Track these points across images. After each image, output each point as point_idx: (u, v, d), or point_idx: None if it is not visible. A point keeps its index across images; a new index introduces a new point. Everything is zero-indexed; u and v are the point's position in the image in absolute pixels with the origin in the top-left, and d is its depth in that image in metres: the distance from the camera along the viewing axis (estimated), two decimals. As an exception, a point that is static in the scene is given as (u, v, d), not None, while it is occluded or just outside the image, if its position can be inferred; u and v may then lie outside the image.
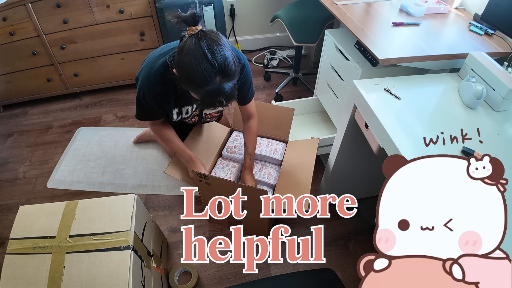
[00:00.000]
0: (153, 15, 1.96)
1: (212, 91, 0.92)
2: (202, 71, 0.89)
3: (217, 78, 0.91)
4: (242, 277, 1.36)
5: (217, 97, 0.95)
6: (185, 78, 0.94)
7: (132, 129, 2.03)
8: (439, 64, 1.20)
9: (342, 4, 1.49)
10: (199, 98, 0.97)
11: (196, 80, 0.90)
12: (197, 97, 0.99)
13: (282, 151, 1.50)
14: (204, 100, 0.97)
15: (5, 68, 1.97)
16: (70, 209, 1.05)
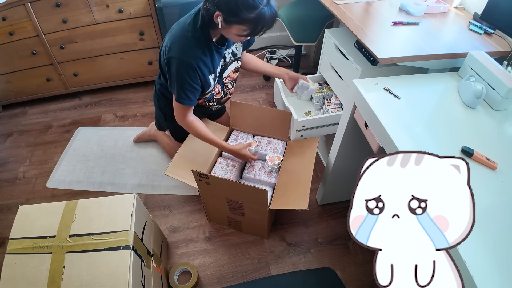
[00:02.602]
0: (153, 14, 1.95)
1: (264, 12, 1.04)
2: None
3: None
4: (242, 277, 1.36)
5: (267, 18, 1.06)
6: (238, 7, 1.02)
7: (131, 128, 2.03)
8: (438, 63, 1.20)
9: (342, 3, 1.49)
10: (250, 26, 1.07)
11: (252, 2, 1.01)
12: (246, 28, 1.08)
13: (282, 149, 1.50)
14: (256, 25, 1.07)
15: (4, 68, 1.97)
16: (70, 209, 1.05)
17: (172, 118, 1.53)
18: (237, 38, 1.16)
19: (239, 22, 1.06)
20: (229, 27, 1.09)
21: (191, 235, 1.50)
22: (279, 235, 1.49)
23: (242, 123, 1.58)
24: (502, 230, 0.68)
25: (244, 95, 2.29)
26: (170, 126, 1.63)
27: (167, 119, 1.56)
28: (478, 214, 0.71)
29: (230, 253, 1.43)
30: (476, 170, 0.80)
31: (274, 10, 1.07)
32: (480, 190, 0.76)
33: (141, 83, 2.33)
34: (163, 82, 1.42)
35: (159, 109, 1.57)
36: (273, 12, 1.07)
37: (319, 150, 1.84)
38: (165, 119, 1.58)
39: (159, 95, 1.49)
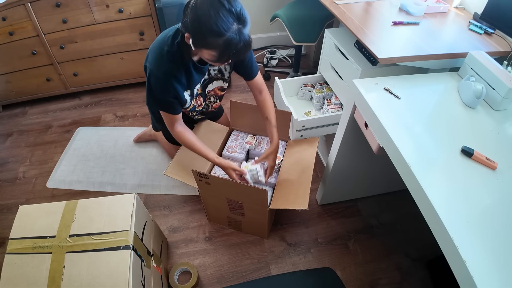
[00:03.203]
0: (153, 14, 1.95)
1: (231, 39, 0.95)
2: (221, 17, 0.92)
3: (235, 24, 0.95)
4: (242, 277, 1.36)
5: (237, 46, 0.97)
6: (203, 32, 0.96)
7: (131, 128, 2.03)
8: (438, 63, 1.20)
9: (342, 3, 1.49)
10: (218, 51, 0.99)
11: (217, 28, 0.93)
12: (215, 53, 1.00)
13: (282, 149, 1.50)
14: (223, 52, 0.99)
15: (4, 68, 1.97)
16: (70, 209, 1.05)
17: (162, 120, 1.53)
18: (212, 63, 1.09)
19: (206, 47, 0.99)
20: (199, 50, 1.03)
21: (191, 235, 1.50)
22: (279, 235, 1.49)
23: (242, 123, 1.58)
24: (502, 230, 0.68)
25: (244, 95, 2.29)
26: (162, 128, 1.63)
27: (157, 121, 1.56)
28: (478, 214, 0.71)
29: (230, 253, 1.43)
30: (476, 170, 0.80)
31: (245, 38, 0.97)
32: (480, 190, 0.76)
33: (141, 83, 2.33)
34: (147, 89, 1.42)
35: (150, 111, 1.57)
36: (243, 40, 0.97)
37: (319, 150, 1.84)
38: (156, 121, 1.58)
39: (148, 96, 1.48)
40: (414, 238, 1.49)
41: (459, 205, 0.72)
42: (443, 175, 0.79)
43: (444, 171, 0.80)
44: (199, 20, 0.95)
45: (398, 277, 1.36)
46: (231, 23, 0.94)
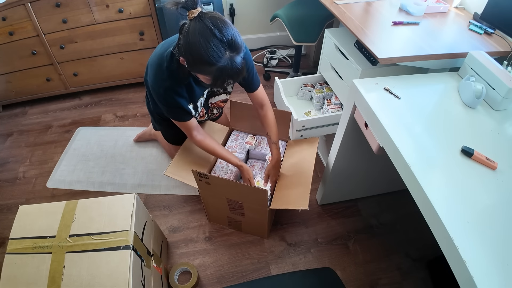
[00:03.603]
0: (153, 14, 1.95)
1: (223, 67, 0.94)
2: (212, 47, 0.91)
3: (227, 53, 0.94)
4: (242, 277, 1.36)
5: (229, 73, 0.97)
6: (195, 60, 0.95)
7: (131, 128, 2.03)
8: (438, 63, 1.20)
9: (342, 3, 1.49)
10: (211, 78, 0.98)
11: (208, 58, 0.92)
12: (209, 78, 1.00)
13: (282, 149, 1.50)
14: (217, 79, 0.98)
15: (4, 68, 1.97)
16: (70, 209, 1.05)
17: (161, 121, 1.53)
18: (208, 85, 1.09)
19: (199, 72, 1.00)
20: (194, 73, 1.04)
21: (191, 235, 1.50)
22: (279, 235, 1.49)
23: (242, 123, 1.58)
24: (502, 230, 0.68)
25: (244, 95, 2.28)
26: (161, 129, 1.63)
27: (156, 121, 1.56)
28: (478, 214, 0.71)
29: (230, 253, 1.43)
30: (476, 170, 0.80)
31: (237, 67, 0.96)
32: (479, 190, 0.76)
33: (141, 83, 2.33)
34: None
35: (150, 111, 1.57)
36: (236, 68, 0.96)
37: (319, 150, 1.84)
38: (155, 121, 1.59)
39: (149, 97, 1.49)
40: (414, 238, 1.49)
41: (459, 205, 0.72)
42: (443, 175, 0.79)
43: (444, 171, 0.80)
44: (191, 48, 0.93)
45: (398, 277, 1.36)
46: (222, 52, 0.92)
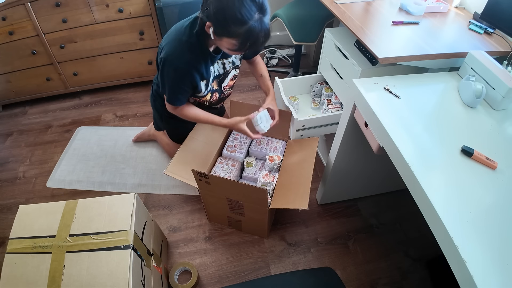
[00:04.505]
0: (153, 14, 1.95)
1: (253, 28, 0.98)
2: (245, 6, 0.95)
3: (257, 14, 0.98)
4: (242, 276, 1.36)
5: (258, 35, 1.00)
6: (226, 20, 0.98)
7: (131, 128, 2.03)
8: (438, 63, 1.20)
9: (342, 2, 1.49)
10: (239, 40, 1.01)
11: (240, 16, 0.95)
12: (236, 42, 1.02)
13: (282, 149, 1.50)
14: (246, 40, 1.01)
15: (4, 67, 1.97)
16: (70, 209, 1.05)
17: (168, 119, 1.53)
18: (230, 52, 1.11)
19: (228, 35, 1.02)
20: (220, 39, 1.05)
21: (191, 235, 1.50)
22: (279, 234, 1.49)
23: (242, 122, 1.58)
24: (502, 229, 0.68)
25: (244, 95, 2.29)
26: (166, 127, 1.64)
27: (163, 120, 1.56)
28: (478, 213, 0.71)
29: (230, 253, 1.43)
30: (476, 169, 0.80)
31: (266, 28, 1.01)
32: (480, 190, 0.76)
33: (141, 83, 2.33)
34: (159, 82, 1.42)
35: (155, 110, 1.57)
36: (264, 29, 1.01)
37: (319, 149, 1.84)
38: (161, 120, 1.58)
39: (155, 95, 1.49)
40: (414, 238, 1.49)
41: (459, 205, 0.72)
42: (443, 174, 0.79)
43: (444, 170, 0.80)
44: (223, 8, 0.97)
45: (398, 277, 1.36)
46: (254, 11, 0.97)
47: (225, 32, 1.01)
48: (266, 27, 1.01)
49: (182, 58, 1.15)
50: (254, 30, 0.99)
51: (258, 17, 0.98)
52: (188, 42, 1.14)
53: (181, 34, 1.15)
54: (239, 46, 1.03)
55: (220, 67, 1.33)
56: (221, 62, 1.32)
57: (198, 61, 1.18)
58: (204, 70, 1.22)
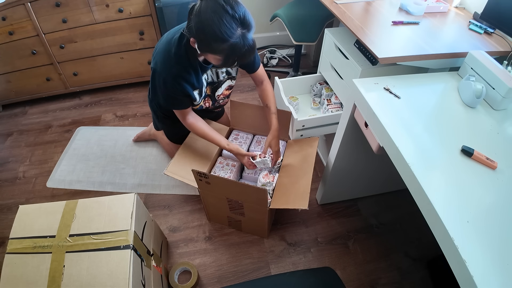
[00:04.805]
0: (153, 14, 1.95)
1: (235, 44, 0.96)
2: (225, 23, 0.93)
3: (239, 29, 0.96)
4: (242, 276, 1.36)
5: (241, 50, 0.98)
6: (207, 38, 0.97)
7: (131, 128, 2.03)
8: (438, 63, 1.20)
9: (342, 2, 1.49)
10: (223, 56, 1.00)
11: (220, 34, 0.94)
12: (220, 57, 1.01)
13: (282, 149, 1.50)
14: (228, 57, 1.00)
15: (4, 67, 1.97)
16: (70, 209, 1.05)
17: (164, 119, 1.54)
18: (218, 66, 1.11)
19: (211, 52, 1.02)
20: (205, 54, 1.06)
21: (191, 235, 1.50)
22: (279, 234, 1.49)
23: (242, 123, 1.58)
24: (502, 229, 0.68)
25: (244, 95, 2.29)
26: (163, 127, 1.64)
27: (159, 120, 1.57)
28: (478, 213, 0.71)
29: (230, 253, 1.43)
30: (476, 169, 0.80)
31: (249, 43, 0.99)
32: (480, 190, 0.76)
33: (141, 83, 2.33)
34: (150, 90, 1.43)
35: (152, 110, 1.58)
36: (247, 45, 0.99)
37: (319, 149, 1.84)
38: (157, 120, 1.59)
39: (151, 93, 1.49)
40: (414, 238, 1.49)
41: (459, 205, 0.72)
42: (443, 174, 0.79)
43: (444, 170, 0.80)
44: (203, 26, 0.95)
45: (398, 276, 1.36)
46: (234, 28, 0.95)
47: (207, 49, 1.01)
48: (249, 42, 0.99)
49: (170, 70, 1.15)
50: (237, 46, 0.97)
51: (240, 33, 0.96)
52: (176, 54, 1.14)
53: (171, 46, 1.15)
54: (224, 61, 1.03)
55: (213, 75, 1.34)
56: (214, 70, 1.32)
57: (187, 72, 1.18)
58: (194, 80, 1.22)
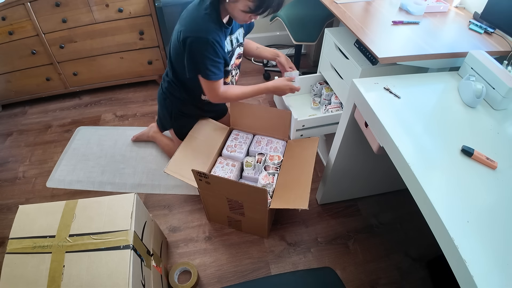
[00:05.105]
0: (152, 14, 1.95)
1: None
2: None
3: None
4: (242, 276, 1.36)
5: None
6: None
7: (131, 128, 2.03)
8: (438, 62, 1.20)
9: (342, 2, 1.49)
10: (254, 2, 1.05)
11: None
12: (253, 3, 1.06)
13: (282, 149, 1.50)
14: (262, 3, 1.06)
15: (4, 67, 1.97)
16: (69, 209, 1.04)
17: (179, 116, 1.52)
18: (242, 16, 1.13)
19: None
20: (235, 2, 1.09)
21: (191, 235, 1.50)
22: (279, 234, 1.49)
23: (242, 122, 1.58)
24: (502, 229, 0.68)
25: (244, 94, 2.28)
26: (174, 125, 1.61)
27: (172, 117, 1.54)
28: (478, 213, 0.71)
29: (230, 253, 1.43)
30: (476, 169, 0.80)
31: None
32: (480, 190, 0.76)
33: (141, 83, 2.33)
34: (172, 79, 1.40)
35: (165, 108, 1.53)
36: None
37: (319, 149, 1.84)
38: (170, 118, 1.55)
39: (166, 93, 1.46)
40: (414, 238, 1.49)
41: (459, 205, 0.72)
42: (443, 174, 0.79)
43: (444, 170, 0.80)
44: None
45: (398, 276, 1.36)
46: None
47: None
48: None
49: (206, 29, 1.16)
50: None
51: None
52: (206, 13, 1.15)
53: (197, 10, 1.17)
54: (255, 8, 1.07)
55: (228, 44, 1.33)
56: (229, 38, 1.32)
57: (218, 30, 1.19)
58: (223, 42, 1.24)
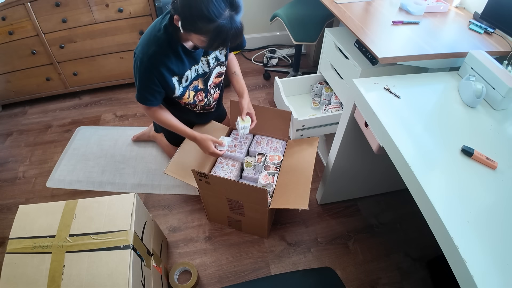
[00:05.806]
0: (152, 14, 1.95)
1: (223, 25, 0.93)
2: (213, 2, 0.90)
3: (227, 10, 0.93)
4: (242, 276, 1.36)
5: (228, 33, 0.95)
6: (193, 15, 0.93)
7: (131, 128, 2.03)
8: (438, 62, 1.20)
9: (342, 2, 1.49)
10: (208, 38, 0.96)
11: (208, 13, 0.90)
12: (205, 39, 0.97)
13: (282, 149, 1.50)
14: (214, 39, 0.96)
15: (4, 67, 1.97)
16: (69, 209, 1.05)
17: None
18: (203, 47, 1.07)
19: (195, 31, 0.97)
20: (188, 34, 1.01)
21: (191, 235, 1.50)
22: (279, 234, 1.49)
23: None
24: (502, 229, 0.68)
25: (244, 94, 2.28)
26: (164, 130, 1.62)
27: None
28: (478, 213, 0.71)
29: (230, 253, 1.43)
30: (476, 169, 0.80)
31: (237, 26, 0.96)
32: (480, 190, 0.76)
33: (141, 83, 2.33)
34: None
35: None
36: (235, 27, 0.95)
37: (319, 149, 1.84)
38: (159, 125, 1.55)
39: None
40: (414, 237, 1.49)
41: (459, 205, 0.72)
42: (443, 174, 0.79)
43: (444, 170, 0.80)
44: (190, 3, 0.92)
45: (398, 276, 1.36)
46: (223, 9, 0.91)
47: (192, 28, 0.97)
48: (236, 25, 0.95)
49: (147, 52, 1.09)
50: (223, 28, 0.93)
51: (228, 14, 0.93)
52: (156, 36, 1.09)
53: (152, 28, 1.11)
54: (208, 43, 0.99)
55: (204, 65, 1.29)
56: (205, 59, 1.27)
57: (166, 55, 1.12)
58: (174, 65, 1.16)
